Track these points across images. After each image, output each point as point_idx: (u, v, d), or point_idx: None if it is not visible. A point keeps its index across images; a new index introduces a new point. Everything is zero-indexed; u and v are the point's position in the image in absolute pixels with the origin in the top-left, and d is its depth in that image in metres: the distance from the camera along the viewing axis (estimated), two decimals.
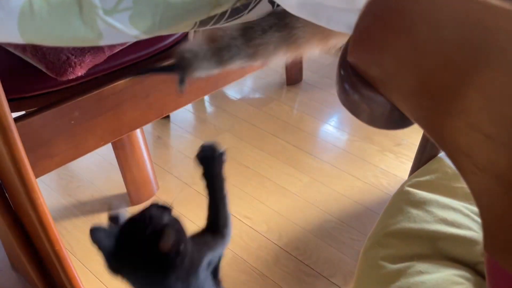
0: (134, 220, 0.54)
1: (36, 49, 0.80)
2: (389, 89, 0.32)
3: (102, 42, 0.31)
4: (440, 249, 0.49)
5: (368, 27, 0.31)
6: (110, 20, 0.28)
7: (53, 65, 0.79)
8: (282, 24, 0.42)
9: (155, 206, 0.58)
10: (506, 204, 0.26)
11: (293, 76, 1.63)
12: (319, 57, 1.79)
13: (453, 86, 0.25)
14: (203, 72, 0.51)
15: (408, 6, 0.27)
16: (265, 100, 1.56)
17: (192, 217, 1.14)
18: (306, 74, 1.67)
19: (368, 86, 0.32)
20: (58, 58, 0.80)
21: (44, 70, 0.80)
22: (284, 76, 1.64)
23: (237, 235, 1.09)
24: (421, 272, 0.47)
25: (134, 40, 0.30)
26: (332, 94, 1.59)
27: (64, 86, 0.84)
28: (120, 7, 0.27)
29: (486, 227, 0.27)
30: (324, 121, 1.47)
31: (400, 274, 0.48)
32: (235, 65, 0.48)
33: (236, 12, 0.35)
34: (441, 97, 0.27)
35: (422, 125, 0.30)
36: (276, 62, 0.50)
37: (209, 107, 1.55)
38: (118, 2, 0.27)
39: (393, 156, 1.31)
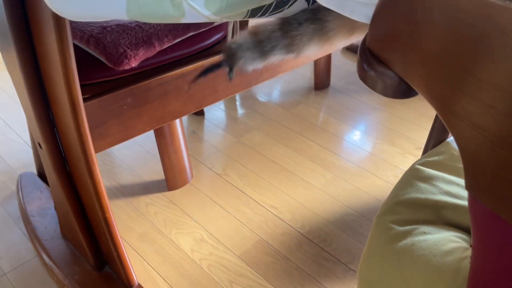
0: None
1: (98, 43, 0.93)
2: (398, 68, 0.41)
3: (184, 20, 0.40)
4: (443, 216, 0.57)
5: (381, 19, 0.40)
6: (191, 2, 0.38)
7: (112, 56, 0.91)
8: (315, 18, 0.51)
9: None
10: (483, 149, 0.34)
11: (321, 81, 1.72)
12: (346, 65, 1.88)
13: (457, 65, 0.34)
14: (248, 63, 0.59)
15: (415, 5, 0.36)
16: (293, 102, 1.65)
17: (223, 204, 1.24)
18: (333, 80, 1.76)
19: (382, 64, 0.42)
20: (117, 51, 0.92)
21: (104, 60, 0.92)
22: (313, 82, 1.73)
23: (263, 222, 1.18)
24: (424, 233, 0.55)
25: (206, 20, 0.39)
26: (357, 100, 1.67)
27: (119, 76, 0.96)
28: None
29: (466, 168, 0.36)
30: (349, 124, 1.55)
31: (406, 234, 0.56)
32: (275, 57, 0.57)
33: (279, 5, 0.45)
34: (450, 78, 0.35)
35: (424, 95, 0.39)
36: (309, 55, 0.59)
37: (240, 107, 1.65)
38: None
39: (413, 158, 1.38)
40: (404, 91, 0.41)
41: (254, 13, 0.43)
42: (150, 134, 1.46)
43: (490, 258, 0.40)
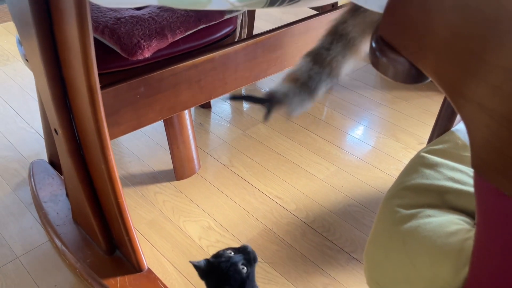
0: (220, 267, 0.74)
1: (112, 33, 0.95)
2: (409, 54, 0.43)
3: (210, 6, 0.43)
4: (447, 201, 0.60)
5: (394, 7, 0.43)
6: None
7: (126, 46, 0.94)
8: (338, 37, 0.54)
9: (244, 256, 0.77)
10: (489, 129, 0.37)
11: None
12: None
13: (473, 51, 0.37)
14: (299, 107, 0.58)
15: None
16: None
17: (229, 194, 1.26)
18: None
19: (393, 51, 0.44)
20: (131, 41, 0.94)
21: (118, 50, 0.95)
22: None
23: (268, 211, 1.21)
24: (429, 216, 0.58)
25: (230, 6, 0.41)
26: (361, 95, 1.70)
27: (133, 66, 0.99)
28: None
29: (472, 147, 0.39)
30: (353, 118, 1.58)
31: (412, 217, 0.59)
32: (322, 90, 0.57)
33: None
34: (459, 62, 0.37)
35: (435, 79, 0.41)
36: (349, 67, 0.60)
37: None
38: None
39: (416, 153, 1.41)
40: (414, 76, 0.44)
41: (273, 2, 0.45)
42: (158, 125, 1.49)
43: (492, 233, 0.42)
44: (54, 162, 1.27)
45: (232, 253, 0.77)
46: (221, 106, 1.63)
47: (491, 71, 0.34)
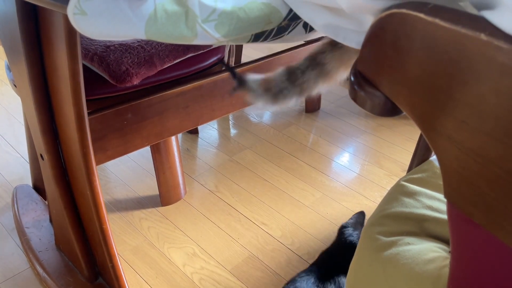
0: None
1: (101, 60, 0.97)
2: (385, 89, 0.46)
3: (196, 41, 0.45)
4: (425, 229, 0.62)
5: (370, 45, 0.45)
6: (204, 25, 0.43)
7: (114, 73, 0.96)
8: (314, 64, 0.58)
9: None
10: (459, 161, 0.39)
11: (312, 104, 1.78)
12: (335, 89, 1.95)
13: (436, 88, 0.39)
14: (260, 105, 0.63)
15: (399, 33, 0.41)
16: (285, 123, 1.70)
17: (215, 220, 1.27)
18: (323, 103, 1.83)
19: (370, 85, 0.47)
20: (119, 69, 0.96)
21: (107, 77, 0.97)
22: (304, 104, 1.79)
23: (254, 238, 1.21)
24: (408, 243, 0.59)
25: (215, 42, 0.44)
26: (346, 123, 1.73)
27: (121, 92, 1.00)
28: (210, 18, 0.42)
29: (445, 178, 0.41)
30: (338, 145, 1.60)
31: (392, 244, 0.60)
32: (290, 101, 0.63)
33: (280, 31, 0.50)
34: (429, 97, 0.40)
35: (408, 113, 0.43)
36: (317, 91, 0.64)
37: (233, 127, 1.70)
38: (209, 15, 0.42)
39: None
40: (390, 110, 0.46)
41: (257, 37, 0.48)
42: (145, 150, 1.49)
43: (465, 261, 0.44)
44: (38, 187, 1.26)
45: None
46: (208, 132, 1.65)
47: (458, 106, 0.36)
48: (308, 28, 0.52)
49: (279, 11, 0.46)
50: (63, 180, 0.92)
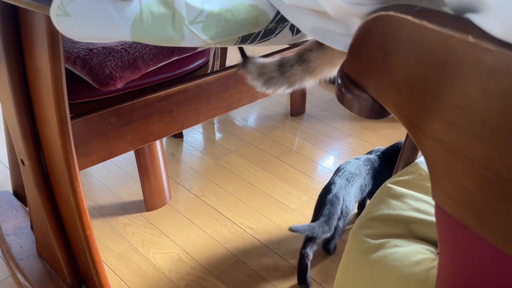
0: None
1: (84, 64, 0.95)
2: (372, 91, 0.46)
3: (182, 43, 0.44)
4: (412, 230, 0.62)
5: (358, 48, 0.45)
6: (191, 27, 0.42)
7: (98, 77, 0.94)
8: (301, 60, 0.60)
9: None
10: (447, 162, 0.39)
11: (297, 108, 1.79)
12: (320, 93, 1.96)
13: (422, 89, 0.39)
14: (253, 82, 0.66)
15: (386, 36, 0.42)
16: (270, 127, 1.70)
17: (201, 225, 1.25)
18: (308, 107, 1.83)
19: (357, 87, 0.47)
20: (103, 72, 0.95)
21: (90, 81, 0.95)
22: (289, 108, 1.80)
23: (240, 243, 1.20)
24: (396, 246, 0.60)
25: (202, 44, 0.43)
26: (331, 126, 1.74)
27: (104, 96, 0.99)
28: (197, 20, 0.42)
29: (432, 179, 0.41)
30: (323, 149, 1.61)
31: (379, 247, 0.60)
32: (280, 90, 0.65)
33: (267, 34, 0.50)
34: (417, 99, 0.40)
35: (395, 114, 0.44)
36: (306, 85, 0.66)
37: (218, 131, 1.69)
38: (196, 16, 0.42)
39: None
40: (377, 112, 0.46)
41: (244, 40, 0.47)
42: (129, 155, 1.47)
43: (454, 262, 0.44)
44: (19, 193, 1.23)
45: None
46: (193, 136, 1.63)
47: (445, 108, 0.36)
48: (294, 31, 0.52)
49: (266, 13, 0.46)
50: (45, 186, 0.90)
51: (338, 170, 1.16)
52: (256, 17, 0.45)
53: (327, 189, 1.11)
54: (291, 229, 1.00)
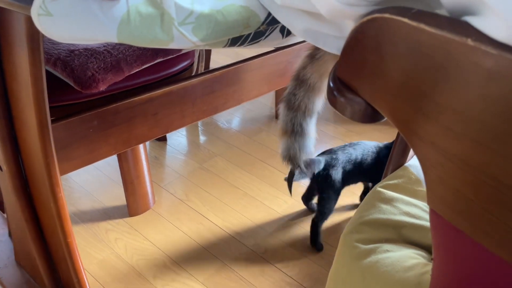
0: None
1: (65, 66, 0.93)
2: (366, 94, 0.45)
3: (171, 45, 0.43)
4: (403, 235, 0.61)
5: (351, 50, 0.45)
6: (180, 29, 0.40)
7: (79, 79, 0.92)
8: (299, 82, 0.60)
9: None
10: (443, 167, 0.38)
11: None
12: None
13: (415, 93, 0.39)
14: (303, 152, 0.69)
15: (381, 39, 0.41)
16: (255, 130, 1.69)
17: (185, 230, 1.23)
18: None
19: (350, 91, 0.46)
20: (85, 74, 0.92)
21: (71, 83, 0.92)
22: (274, 110, 1.79)
23: (226, 247, 1.18)
24: (387, 251, 0.59)
25: (192, 46, 0.41)
26: (316, 128, 1.74)
27: (86, 99, 0.96)
28: (187, 21, 0.40)
29: (428, 185, 0.40)
30: None
31: (370, 252, 0.59)
32: (310, 128, 0.67)
33: (257, 36, 0.48)
34: (413, 103, 0.39)
35: (390, 118, 0.43)
36: (319, 106, 0.66)
37: (202, 134, 1.67)
38: (186, 17, 0.40)
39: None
40: (370, 116, 0.45)
41: (234, 42, 0.46)
42: (110, 159, 1.44)
43: (449, 267, 0.44)
44: None
45: None
46: (177, 139, 1.61)
47: (442, 112, 0.35)
48: (285, 32, 0.51)
49: (257, 15, 0.45)
50: (24, 191, 0.86)
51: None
52: (247, 19, 0.44)
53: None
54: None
